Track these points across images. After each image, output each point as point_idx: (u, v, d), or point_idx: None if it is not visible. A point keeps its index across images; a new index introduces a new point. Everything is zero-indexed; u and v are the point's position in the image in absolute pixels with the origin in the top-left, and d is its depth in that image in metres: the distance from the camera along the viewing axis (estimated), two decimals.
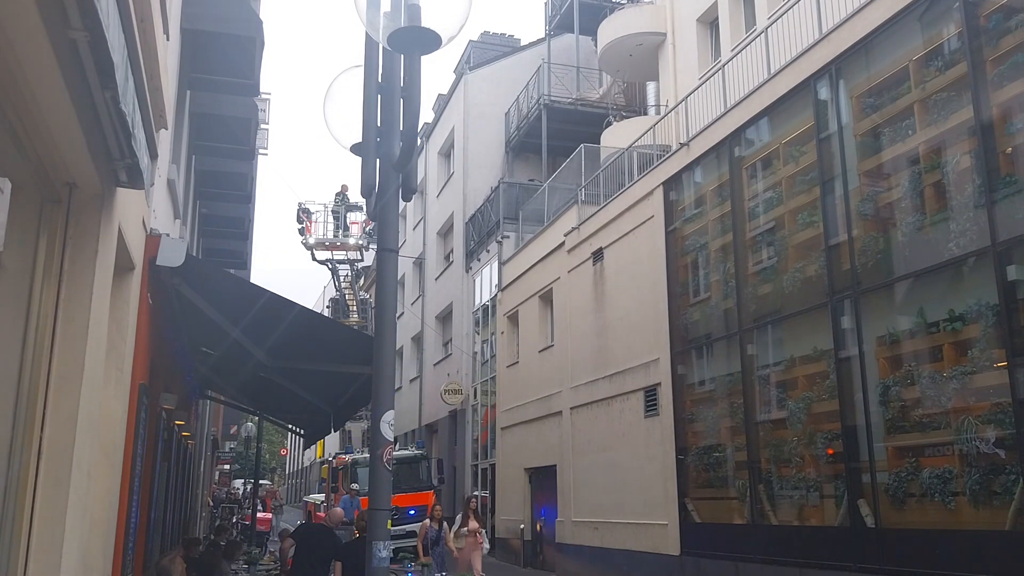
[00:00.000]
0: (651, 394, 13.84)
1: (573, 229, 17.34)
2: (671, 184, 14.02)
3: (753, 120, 11.92)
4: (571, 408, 16.69)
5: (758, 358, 11.62)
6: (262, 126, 15.28)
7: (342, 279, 27.91)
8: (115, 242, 4.59)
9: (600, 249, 16.04)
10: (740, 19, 17.76)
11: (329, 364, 7.99)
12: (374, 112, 4.11)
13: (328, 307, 29.62)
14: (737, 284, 12.00)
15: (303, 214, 25.42)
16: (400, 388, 30.60)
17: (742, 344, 11.78)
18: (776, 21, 12.41)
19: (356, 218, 25.77)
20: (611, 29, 21.72)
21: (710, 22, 19.16)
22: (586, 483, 15.86)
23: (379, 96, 4.13)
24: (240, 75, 8.49)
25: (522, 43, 30.81)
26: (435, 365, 27.18)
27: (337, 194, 25.87)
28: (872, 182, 9.81)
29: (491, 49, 29.85)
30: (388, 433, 3.87)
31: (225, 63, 8.44)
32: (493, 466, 21.10)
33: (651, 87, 22.20)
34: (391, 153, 4.08)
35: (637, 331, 14.45)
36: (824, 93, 10.61)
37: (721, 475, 12.21)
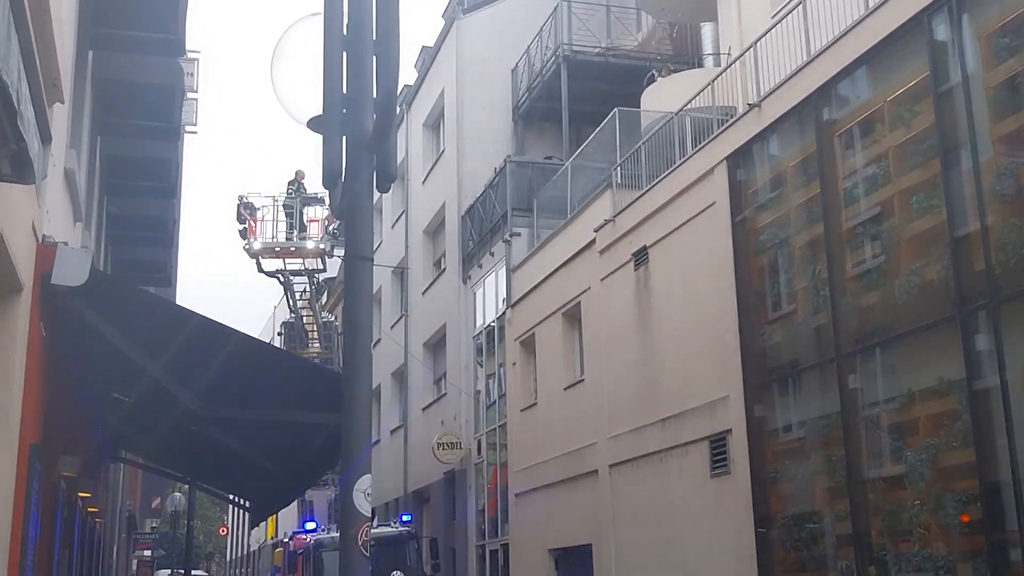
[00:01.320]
0: (719, 445, 13.80)
1: (607, 222, 17.35)
2: (738, 159, 14.02)
3: (847, 71, 11.92)
4: (610, 466, 16.65)
5: (863, 393, 11.56)
6: (189, 95, 15.39)
7: (298, 296, 27.99)
8: None
9: (644, 248, 16.04)
10: None
11: (282, 412, 8.02)
12: (338, 75, 4.15)
13: (280, 334, 29.67)
14: (832, 292, 11.97)
15: (245, 210, 25.51)
16: (378, 442, 30.60)
17: (841, 374, 11.73)
18: None
19: (316, 214, 25.83)
20: None
21: None
22: (633, 568, 15.79)
23: (344, 53, 4.17)
24: (159, 29, 8.58)
25: None
26: (424, 410, 27.16)
27: (290, 183, 25.93)
28: (1011, 151, 9.77)
29: None
30: (364, 505, 3.88)
31: (140, 14, 8.53)
32: (505, 547, 21.04)
33: (707, 30, 22.21)
34: (362, 128, 4.12)
35: (697, 359, 14.42)
36: (942, 32, 10.60)
37: (817, 553, 12.12)
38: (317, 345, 28.13)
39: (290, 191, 25.75)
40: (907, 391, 10.95)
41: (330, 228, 25.63)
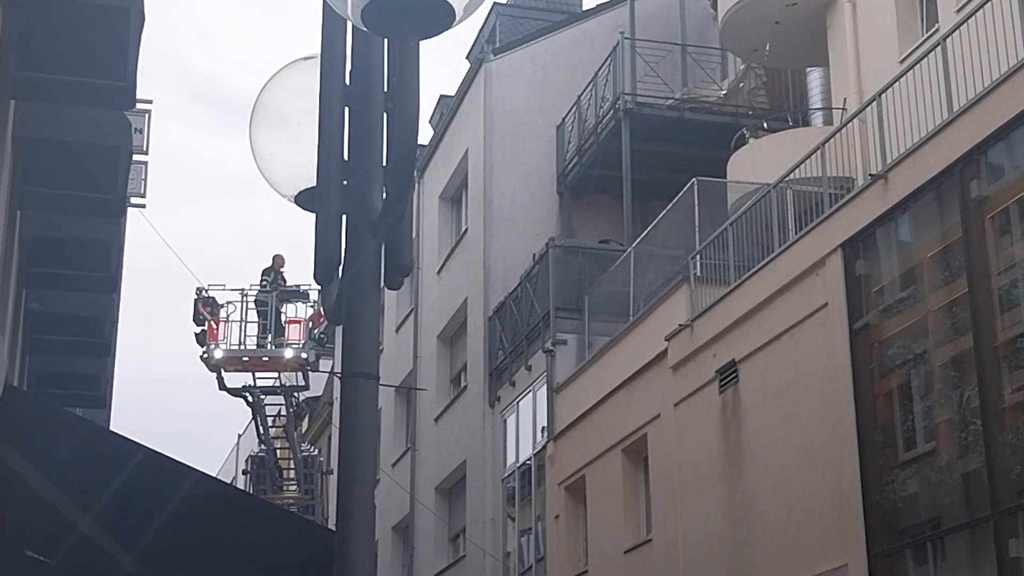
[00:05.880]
0: None
1: (682, 328, 17.34)
2: (857, 247, 14.04)
3: (1002, 132, 11.97)
4: None
5: None
6: (137, 158, 15.60)
7: (271, 421, 27.98)
8: None
9: (732, 364, 16.00)
10: None
11: None
12: (338, 136, 4.20)
13: (246, 472, 29.57)
14: (985, 427, 11.84)
15: (204, 307, 25.66)
16: None
17: (999, 538, 11.56)
18: None
19: (297, 313, 25.98)
20: None
21: None
22: None
23: (346, 108, 4.23)
24: (103, 72, 8.77)
25: (583, 6, 31.52)
26: None
27: (265, 272, 26.13)
28: None
29: (530, 17, 30.56)
30: None
31: (75, 52, 8.73)
32: None
33: (815, 78, 22.46)
34: (367, 206, 4.16)
35: (805, 515, 14.25)
36: None
37: None
38: (294, 487, 27.95)
39: (264, 283, 25.92)
40: None
41: (315, 332, 25.73)
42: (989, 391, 11.91)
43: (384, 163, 4.20)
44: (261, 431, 27.68)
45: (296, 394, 27.25)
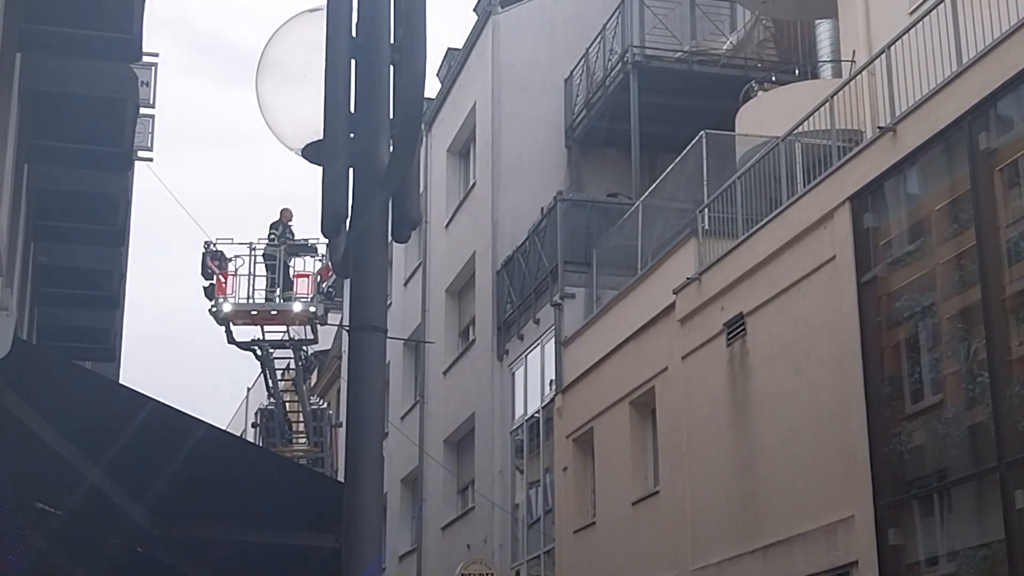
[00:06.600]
0: None
1: (690, 281, 17.33)
2: (865, 200, 14.01)
3: (1011, 84, 11.90)
4: None
5: None
6: (144, 111, 15.56)
7: (279, 375, 28.04)
8: None
9: (739, 317, 16.00)
10: None
11: (261, 531, 7.98)
12: (344, 88, 4.18)
13: (255, 425, 29.70)
14: (992, 380, 11.86)
15: (212, 261, 25.64)
16: (383, 571, 30.35)
17: (1005, 489, 11.58)
18: None
19: (305, 267, 25.97)
20: None
21: None
22: None
23: (353, 60, 4.21)
24: (109, 25, 8.72)
25: None
26: (444, 529, 27.00)
27: (273, 225, 26.09)
28: None
29: None
30: None
31: (81, 4, 8.69)
32: None
33: (824, 30, 22.29)
34: (374, 159, 4.15)
35: (811, 466, 14.30)
36: None
37: None
38: (304, 440, 28.07)
39: (272, 236, 25.91)
40: None
41: (323, 286, 25.74)
42: (996, 343, 11.91)
43: (391, 116, 4.19)
44: (270, 384, 27.77)
45: (305, 348, 27.27)
